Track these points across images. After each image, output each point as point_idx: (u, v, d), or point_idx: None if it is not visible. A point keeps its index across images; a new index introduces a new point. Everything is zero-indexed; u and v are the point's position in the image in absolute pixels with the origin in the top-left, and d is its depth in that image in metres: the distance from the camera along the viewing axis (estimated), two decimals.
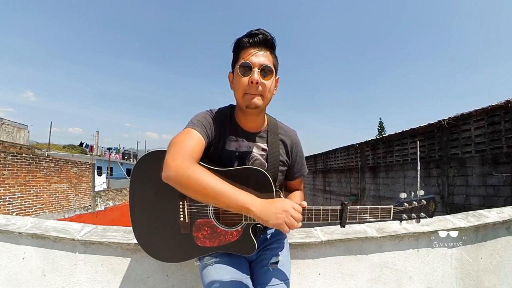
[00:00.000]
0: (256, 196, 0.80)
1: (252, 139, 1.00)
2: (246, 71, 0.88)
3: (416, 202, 0.94)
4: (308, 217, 0.88)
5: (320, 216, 0.88)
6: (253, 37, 0.89)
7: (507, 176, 4.21)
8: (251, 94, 0.89)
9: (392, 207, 0.93)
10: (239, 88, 0.91)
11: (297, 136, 1.10)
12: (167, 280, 1.23)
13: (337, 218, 0.89)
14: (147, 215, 0.97)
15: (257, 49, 0.90)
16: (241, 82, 0.90)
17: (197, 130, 0.89)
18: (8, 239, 1.25)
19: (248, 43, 0.89)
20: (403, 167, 6.45)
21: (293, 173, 1.08)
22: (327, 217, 0.89)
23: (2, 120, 16.78)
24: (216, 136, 0.96)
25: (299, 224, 0.81)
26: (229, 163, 0.96)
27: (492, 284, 1.52)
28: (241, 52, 0.91)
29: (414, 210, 0.94)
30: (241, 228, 0.91)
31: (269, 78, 0.91)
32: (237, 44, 0.92)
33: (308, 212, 0.87)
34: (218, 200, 0.78)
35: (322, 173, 11.49)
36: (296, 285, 1.29)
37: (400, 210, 0.94)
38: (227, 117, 1.00)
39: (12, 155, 7.93)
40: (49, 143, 25.99)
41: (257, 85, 0.88)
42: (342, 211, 0.89)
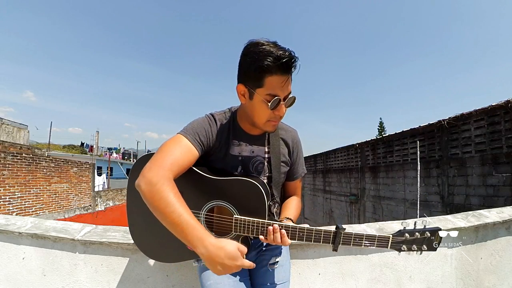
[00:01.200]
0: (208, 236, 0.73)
1: (254, 142, 0.99)
2: (275, 106, 0.83)
3: (419, 234, 0.86)
4: (299, 236, 0.85)
5: (311, 237, 0.85)
6: (284, 64, 0.78)
7: (507, 176, 4.21)
8: (273, 122, 0.88)
9: (390, 236, 0.86)
10: (263, 115, 0.86)
11: (298, 136, 1.09)
12: (167, 280, 1.23)
13: (329, 241, 0.85)
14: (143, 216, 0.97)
15: (285, 77, 0.81)
16: (266, 111, 0.85)
17: (187, 138, 0.87)
18: (8, 239, 1.25)
19: (278, 70, 0.79)
20: (403, 167, 6.45)
21: (292, 173, 1.08)
22: (319, 239, 0.85)
23: (2, 120, 16.78)
24: (216, 142, 0.94)
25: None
26: (234, 168, 0.96)
27: (492, 284, 1.52)
28: (266, 76, 0.80)
29: (416, 242, 0.87)
30: (231, 238, 0.89)
31: (289, 106, 0.89)
32: (261, 67, 0.78)
33: (300, 231, 0.84)
34: (173, 228, 0.75)
35: (322, 173, 11.49)
36: (296, 285, 1.29)
37: (400, 240, 0.86)
38: (229, 121, 0.98)
39: (12, 155, 7.93)
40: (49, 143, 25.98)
41: (281, 117, 0.88)
42: (335, 234, 0.84)
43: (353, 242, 0.85)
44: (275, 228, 0.83)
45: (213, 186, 0.89)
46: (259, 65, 0.78)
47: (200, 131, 0.90)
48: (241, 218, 0.86)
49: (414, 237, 0.86)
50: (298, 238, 0.85)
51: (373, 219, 7.49)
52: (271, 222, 0.84)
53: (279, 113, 0.85)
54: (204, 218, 0.91)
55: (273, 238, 0.83)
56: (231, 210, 0.88)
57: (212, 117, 0.97)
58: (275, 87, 0.81)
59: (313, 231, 0.85)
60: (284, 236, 0.83)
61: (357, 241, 0.85)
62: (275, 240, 0.83)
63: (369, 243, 0.85)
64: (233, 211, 0.88)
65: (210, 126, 0.93)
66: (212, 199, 0.89)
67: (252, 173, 0.98)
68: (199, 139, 0.89)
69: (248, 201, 0.87)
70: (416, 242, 0.86)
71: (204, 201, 0.90)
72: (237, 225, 0.86)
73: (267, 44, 0.79)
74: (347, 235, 0.85)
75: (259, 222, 0.85)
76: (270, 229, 0.83)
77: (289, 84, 0.83)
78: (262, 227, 0.85)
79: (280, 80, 0.80)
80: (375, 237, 0.85)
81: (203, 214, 0.90)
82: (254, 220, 0.85)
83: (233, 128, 0.97)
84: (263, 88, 0.82)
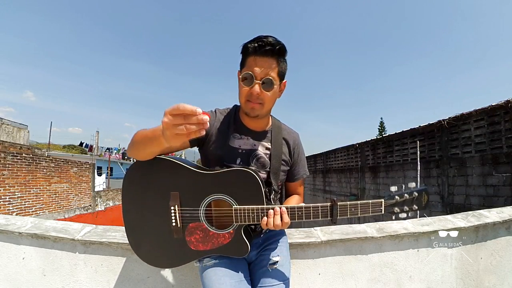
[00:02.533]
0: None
1: (256, 137, 1.01)
2: (248, 81, 0.89)
3: (407, 195, 0.93)
4: (298, 215, 0.88)
5: (310, 213, 0.88)
6: (260, 45, 0.87)
7: (507, 176, 4.21)
8: (251, 102, 0.91)
9: (382, 201, 0.91)
10: (241, 94, 0.93)
11: (299, 138, 1.12)
12: (167, 280, 1.24)
13: (328, 215, 0.89)
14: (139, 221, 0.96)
15: (263, 58, 0.88)
16: (242, 90, 0.92)
17: None
18: (8, 239, 1.25)
19: (254, 50, 0.88)
20: (403, 167, 6.45)
21: (293, 174, 1.09)
22: (318, 215, 0.89)
23: (2, 120, 16.78)
24: (214, 131, 0.98)
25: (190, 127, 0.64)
26: (232, 159, 0.98)
27: (492, 284, 1.52)
28: (247, 58, 0.90)
29: (406, 203, 0.93)
30: (232, 230, 0.91)
31: (269, 90, 0.91)
32: (244, 49, 0.91)
33: (298, 210, 0.88)
34: (143, 142, 0.81)
35: (322, 173, 11.49)
36: (296, 285, 1.29)
37: (391, 203, 0.92)
38: (232, 115, 1.02)
39: (12, 155, 7.93)
40: (49, 143, 25.99)
41: (257, 95, 0.90)
42: (332, 207, 0.88)
43: (350, 212, 0.89)
44: (276, 210, 0.86)
45: (209, 181, 0.90)
46: (243, 47, 0.91)
47: None
48: (241, 207, 0.87)
49: (404, 199, 0.92)
50: (298, 217, 0.88)
51: (373, 219, 7.49)
52: (270, 207, 0.87)
53: (252, 91, 0.89)
54: (204, 214, 0.91)
55: (274, 220, 0.85)
56: (230, 201, 0.89)
57: (213, 110, 1.03)
58: (252, 66, 0.89)
59: (311, 207, 0.88)
60: (284, 214, 0.85)
61: (353, 211, 0.89)
62: (275, 222, 0.85)
63: (364, 210, 0.89)
64: (232, 202, 0.89)
65: (211, 117, 0.98)
66: (209, 194, 0.90)
67: (252, 166, 0.99)
68: None
69: (244, 190, 0.88)
70: (406, 203, 0.93)
71: (201, 197, 0.90)
72: (237, 215, 0.88)
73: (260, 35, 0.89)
74: (342, 206, 0.88)
75: (258, 208, 0.87)
76: (271, 212, 0.85)
77: (266, 65, 0.88)
78: (262, 213, 0.87)
79: (257, 60, 0.88)
80: (369, 204, 0.90)
81: (203, 210, 0.90)
82: (253, 207, 0.87)
83: (235, 122, 1.01)
84: (244, 68, 0.92)
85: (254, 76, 0.88)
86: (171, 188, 0.90)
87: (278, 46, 0.88)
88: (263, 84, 0.89)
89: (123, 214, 0.98)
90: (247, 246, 0.91)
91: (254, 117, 0.96)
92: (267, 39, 0.87)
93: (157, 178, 0.91)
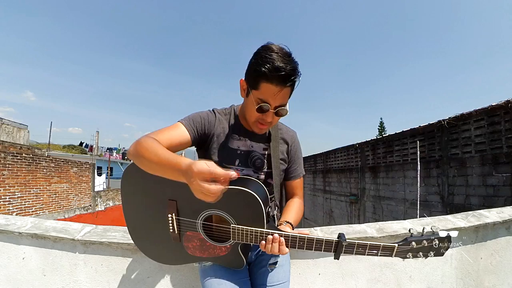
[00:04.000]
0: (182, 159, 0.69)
1: (254, 138, 1.01)
2: (262, 110, 0.86)
3: (427, 242, 0.80)
4: (299, 245, 0.82)
5: (312, 246, 0.82)
6: (281, 77, 0.80)
7: (507, 176, 4.21)
8: (261, 125, 0.91)
9: (396, 246, 0.80)
10: (251, 115, 0.90)
11: (296, 137, 1.11)
12: (167, 280, 1.24)
13: (331, 250, 0.82)
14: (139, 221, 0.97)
15: (281, 88, 0.82)
16: (254, 113, 0.88)
17: (182, 123, 0.92)
18: (8, 239, 1.25)
19: (272, 78, 0.80)
20: (403, 167, 6.45)
21: (291, 172, 1.09)
22: (320, 248, 0.82)
23: (2, 120, 16.78)
24: (213, 132, 0.97)
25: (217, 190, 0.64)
26: (231, 161, 0.98)
27: (492, 284, 1.52)
28: (262, 82, 0.82)
29: (423, 249, 0.80)
30: (229, 245, 0.89)
31: (280, 116, 0.90)
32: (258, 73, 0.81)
33: (300, 240, 0.82)
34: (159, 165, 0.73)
35: (322, 173, 11.49)
36: (296, 285, 1.29)
37: (405, 249, 0.80)
38: (230, 116, 1.02)
39: (12, 155, 7.93)
40: (49, 143, 25.98)
41: (269, 123, 0.90)
42: (337, 244, 0.81)
43: (356, 251, 0.81)
44: (275, 238, 0.81)
45: None
46: (257, 69, 0.81)
47: (196, 119, 0.94)
48: (239, 227, 0.84)
49: (421, 245, 0.80)
50: (299, 247, 0.83)
51: (373, 219, 7.50)
52: (270, 232, 0.82)
53: (266, 119, 0.88)
54: (201, 226, 0.89)
55: (271, 248, 0.81)
56: (228, 219, 0.85)
57: (212, 110, 1.01)
58: (268, 94, 0.83)
59: (314, 240, 0.81)
60: (282, 245, 0.81)
61: (360, 250, 0.81)
62: (273, 250, 0.81)
63: (372, 252, 0.81)
64: (231, 220, 0.85)
65: (207, 116, 0.97)
66: (207, 208, 0.86)
67: (250, 167, 0.99)
68: (193, 125, 0.93)
69: (245, 210, 0.83)
70: (423, 250, 0.81)
71: (199, 210, 0.87)
72: (235, 233, 0.85)
73: (277, 53, 0.80)
74: (349, 244, 0.81)
75: (258, 231, 0.83)
76: (270, 238, 0.81)
77: (283, 96, 0.84)
78: (261, 236, 0.83)
79: (273, 90, 0.82)
80: (379, 247, 0.80)
81: (200, 222, 0.89)
82: (253, 229, 0.82)
83: (234, 123, 1.00)
84: (257, 91, 0.84)
85: (270, 106, 0.85)
86: (169, 195, 0.88)
87: (296, 77, 0.83)
88: (277, 113, 0.88)
89: (124, 212, 0.98)
90: (243, 261, 0.90)
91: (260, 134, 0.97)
92: (287, 67, 0.79)
93: (155, 183, 0.87)
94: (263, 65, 0.79)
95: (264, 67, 0.79)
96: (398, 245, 0.80)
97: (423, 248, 0.80)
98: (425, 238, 0.80)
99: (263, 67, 0.79)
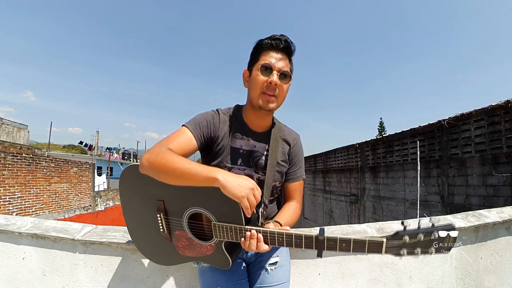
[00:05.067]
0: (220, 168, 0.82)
1: (256, 138, 1.01)
2: (267, 72, 0.91)
3: (423, 235, 0.69)
4: (279, 241, 0.80)
5: (292, 242, 0.79)
6: (277, 41, 0.91)
7: (507, 176, 4.21)
8: (267, 95, 0.92)
9: (384, 241, 0.71)
10: (256, 86, 0.92)
11: (299, 139, 1.11)
12: (167, 280, 1.24)
13: (312, 246, 0.78)
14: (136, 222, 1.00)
15: (279, 54, 0.92)
16: (259, 81, 0.91)
17: (189, 129, 0.92)
18: (8, 239, 1.25)
19: (271, 46, 0.92)
20: (403, 167, 6.44)
21: (291, 175, 1.08)
22: (300, 244, 0.78)
23: (2, 120, 16.78)
24: (218, 133, 0.97)
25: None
26: (234, 161, 0.98)
27: (492, 284, 1.52)
28: (262, 53, 0.93)
29: (420, 245, 0.70)
30: (214, 244, 0.89)
31: (286, 82, 0.94)
32: (258, 45, 0.94)
33: (279, 236, 0.80)
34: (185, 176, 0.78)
35: (322, 173, 11.49)
36: (296, 285, 1.29)
37: (397, 244, 0.71)
38: (234, 115, 1.02)
39: (12, 155, 7.93)
40: (49, 143, 25.98)
41: (275, 86, 0.91)
42: (317, 239, 0.76)
43: (339, 248, 0.76)
44: (252, 234, 0.80)
45: (192, 192, 0.85)
46: (257, 44, 0.94)
47: (202, 122, 0.95)
48: (219, 224, 0.84)
49: (416, 239, 0.70)
50: (278, 243, 0.81)
51: (373, 219, 7.50)
52: (247, 228, 0.81)
53: (271, 80, 0.90)
54: (187, 224, 0.90)
55: (248, 244, 0.79)
56: (209, 216, 0.86)
57: (216, 111, 1.01)
58: (268, 57, 0.92)
59: (293, 236, 0.79)
60: (260, 242, 0.79)
61: (344, 247, 0.75)
62: (250, 246, 0.79)
63: (358, 248, 0.74)
64: (211, 218, 0.86)
65: (212, 118, 0.97)
66: (190, 206, 0.87)
67: (252, 167, 0.99)
68: (199, 130, 0.93)
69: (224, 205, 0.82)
70: (421, 245, 0.70)
71: (183, 208, 0.88)
72: (216, 231, 0.85)
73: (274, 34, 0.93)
74: (330, 239, 0.76)
75: (237, 227, 0.82)
76: (247, 235, 0.80)
77: (283, 61, 0.92)
78: (240, 233, 0.82)
79: (273, 54, 0.92)
80: (365, 242, 0.73)
81: (185, 221, 0.89)
82: (232, 225, 0.82)
83: (237, 122, 1.00)
84: (259, 61, 0.93)
85: (273, 67, 0.90)
86: (158, 195, 0.90)
87: (292, 45, 0.93)
88: (282, 75, 0.91)
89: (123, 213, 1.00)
90: (228, 260, 0.89)
91: (267, 110, 0.94)
92: (283, 37, 0.92)
93: (145, 184, 0.90)
94: (261, 41, 0.93)
95: (263, 41, 0.93)
96: (386, 240, 0.71)
97: (419, 242, 0.70)
98: (421, 231, 0.70)
99: (261, 42, 0.93)
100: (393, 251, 0.72)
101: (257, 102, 0.93)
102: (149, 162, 0.81)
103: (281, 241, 0.81)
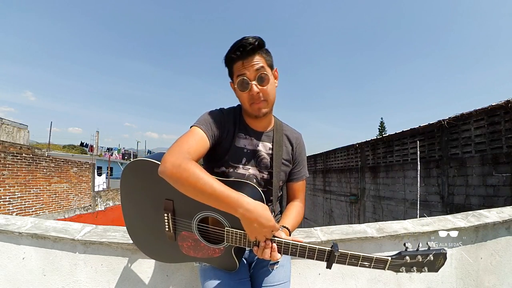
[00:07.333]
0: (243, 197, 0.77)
1: (259, 137, 1.02)
2: (244, 87, 0.91)
3: (421, 257, 0.80)
4: (292, 252, 0.82)
5: (304, 253, 0.82)
6: (240, 49, 0.89)
7: (507, 176, 4.21)
8: (256, 104, 0.93)
9: (389, 259, 0.80)
10: (243, 101, 0.95)
11: (302, 139, 1.12)
12: (167, 280, 1.24)
13: (323, 259, 0.82)
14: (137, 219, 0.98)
15: (248, 58, 0.90)
16: (243, 96, 0.93)
17: (201, 128, 0.90)
18: (8, 239, 1.25)
19: (237, 56, 0.90)
20: (403, 167, 6.44)
21: (294, 174, 1.09)
22: (313, 256, 0.82)
23: (2, 120, 16.77)
24: (224, 133, 0.97)
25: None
26: (238, 160, 0.98)
27: (492, 284, 1.52)
28: (233, 66, 0.93)
29: (416, 264, 0.81)
30: (223, 247, 0.89)
31: (266, 83, 0.92)
32: (228, 60, 0.93)
33: (293, 247, 0.82)
34: (207, 200, 0.77)
35: (322, 173, 11.49)
36: (296, 285, 1.29)
37: (398, 263, 0.81)
38: (236, 115, 1.02)
39: (12, 155, 7.93)
40: (49, 143, 25.98)
41: (258, 95, 0.91)
42: (330, 254, 0.81)
43: (349, 262, 0.82)
44: (267, 244, 0.81)
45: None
46: (226, 59, 0.94)
47: (212, 122, 0.95)
48: (233, 230, 0.84)
49: (415, 260, 0.80)
50: (291, 254, 0.83)
51: (373, 219, 7.49)
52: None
53: (252, 92, 0.91)
54: (197, 227, 0.90)
55: (262, 253, 0.81)
56: (222, 221, 0.86)
57: (221, 109, 1.02)
58: (239, 70, 0.91)
59: (306, 249, 0.82)
60: (274, 251, 0.81)
61: (353, 261, 0.82)
62: (264, 255, 0.81)
63: (365, 264, 0.81)
64: (225, 223, 0.86)
65: (220, 118, 0.98)
66: (202, 209, 0.87)
67: (256, 167, 1.00)
68: (211, 129, 0.93)
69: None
70: (417, 265, 0.81)
71: (194, 211, 0.88)
72: (228, 236, 0.85)
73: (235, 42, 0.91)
74: (342, 255, 0.81)
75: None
76: (262, 244, 0.81)
77: (253, 64, 0.90)
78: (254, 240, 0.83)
79: (240, 64, 0.91)
80: (372, 259, 0.80)
81: (195, 223, 0.89)
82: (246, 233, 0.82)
83: (240, 122, 1.01)
84: (234, 76, 0.93)
85: (248, 79, 0.90)
86: (166, 194, 0.88)
87: (256, 41, 0.89)
88: (259, 81, 0.91)
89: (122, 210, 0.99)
90: (236, 263, 0.90)
91: (263, 116, 0.96)
92: (245, 40, 0.89)
93: (153, 182, 0.88)
94: (227, 55, 0.93)
95: (228, 55, 0.92)
96: (391, 259, 0.80)
97: (417, 263, 0.80)
98: (420, 253, 0.80)
99: (227, 56, 0.92)
100: (394, 268, 0.81)
101: (250, 112, 0.96)
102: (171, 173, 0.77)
103: (294, 252, 0.82)
